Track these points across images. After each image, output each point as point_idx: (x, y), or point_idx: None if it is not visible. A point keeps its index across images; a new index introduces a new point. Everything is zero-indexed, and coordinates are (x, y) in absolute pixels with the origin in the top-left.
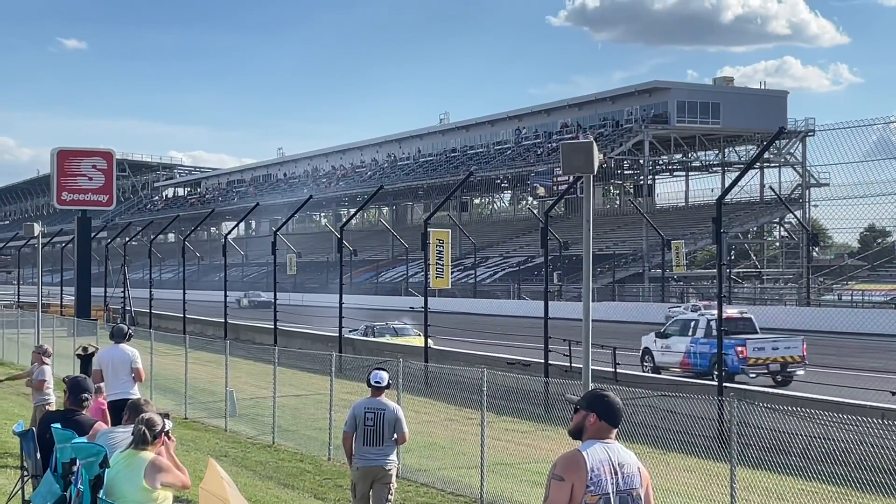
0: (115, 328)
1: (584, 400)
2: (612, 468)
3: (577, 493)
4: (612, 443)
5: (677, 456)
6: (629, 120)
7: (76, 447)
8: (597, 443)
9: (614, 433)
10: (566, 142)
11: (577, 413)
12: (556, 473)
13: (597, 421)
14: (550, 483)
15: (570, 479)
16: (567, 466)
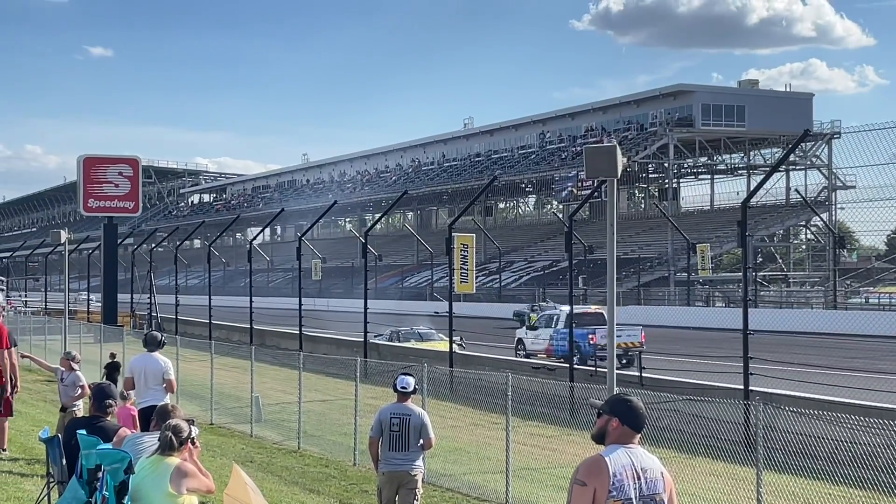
0: (149, 336)
1: (607, 404)
2: (635, 473)
3: (599, 498)
4: (635, 447)
5: (703, 460)
6: (654, 123)
7: (101, 453)
8: (619, 448)
9: (637, 438)
10: (589, 146)
11: (600, 418)
12: (578, 478)
13: (619, 426)
14: (573, 488)
15: (593, 484)
16: (589, 471)
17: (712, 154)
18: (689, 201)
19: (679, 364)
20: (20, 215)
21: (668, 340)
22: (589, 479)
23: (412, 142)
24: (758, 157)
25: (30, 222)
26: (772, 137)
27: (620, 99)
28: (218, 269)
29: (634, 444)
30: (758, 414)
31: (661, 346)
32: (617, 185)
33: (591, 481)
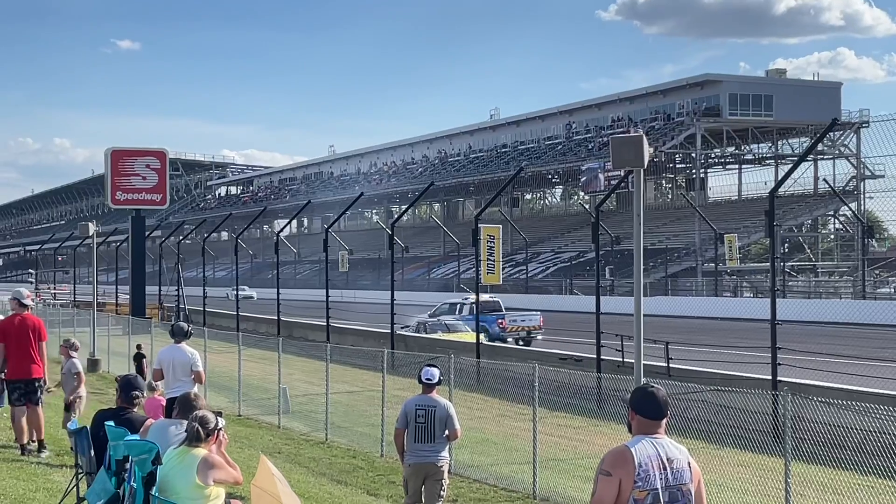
0: (176, 326)
1: (629, 398)
2: (661, 463)
3: (624, 489)
4: (661, 438)
5: (731, 451)
6: (681, 113)
7: (129, 444)
8: (644, 438)
9: (662, 428)
10: (616, 136)
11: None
12: (603, 469)
13: (635, 416)
14: (598, 478)
15: (618, 475)
16: (614, 462)
17: (740, 144)
18: (717, 191)
19: (707, 354)
20: (49, 208)
21: (695, 331)
22: (614, 470)
23: (438, 133)
24: (786, 146)
25: (58, 215)
26: (800, 127)
27: (647, 89)
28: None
29: (660, 434)
30: (786, 404)
31: (689, 336)
32: (644, 175)
33: (617, 472)
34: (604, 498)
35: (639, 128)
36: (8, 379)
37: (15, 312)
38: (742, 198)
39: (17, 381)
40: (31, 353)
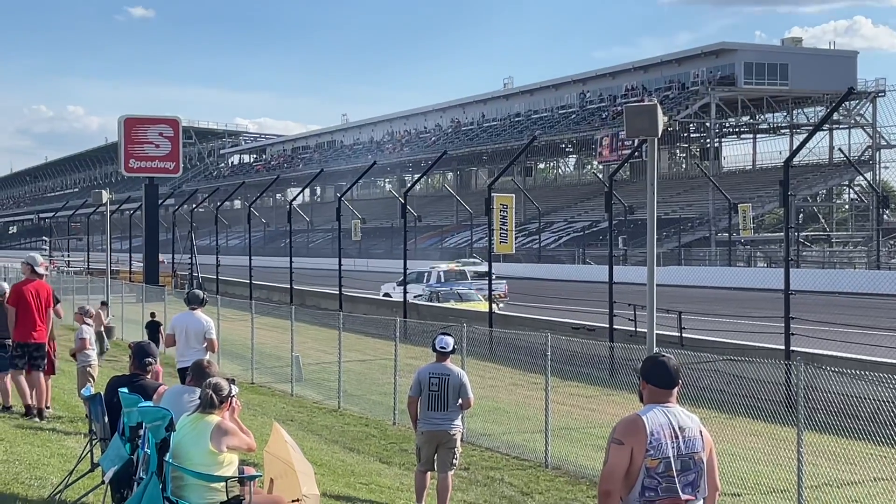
0: (191, 294)
1: (640, 368)
2: (673, 432)
3: (636, 457)
4: (672, 406)
5: (744, 420)
6: (695, 82)
7: (143, 411)
8: (655, 407)
9: (673, 397)
10: (630, 105)
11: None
12: (615, 437)
13: (647, 386)
14: (610, 447)
15: (630, 444)
16: (626, 430)
17: (754, 113)
18: (731, 161)
19: (720, 324)
20: (62, 176)
21: (708, 301)
22: (626, 439)
23: (452, 102)
24: (801, 115)
25: (72, 183)
26: (815, 96)
27: (662, 58)
28: (258, 229)
29: (671, 403)
30: (799, 374)
31: (702, 306)
32: (658, 144)
33: (628, 440)
34: (616, 466)
35: (653, 97)
36: (18, 341)
37: (27, 278)
38: (756, 167)
39: (28, 345)
40: (42, 319)
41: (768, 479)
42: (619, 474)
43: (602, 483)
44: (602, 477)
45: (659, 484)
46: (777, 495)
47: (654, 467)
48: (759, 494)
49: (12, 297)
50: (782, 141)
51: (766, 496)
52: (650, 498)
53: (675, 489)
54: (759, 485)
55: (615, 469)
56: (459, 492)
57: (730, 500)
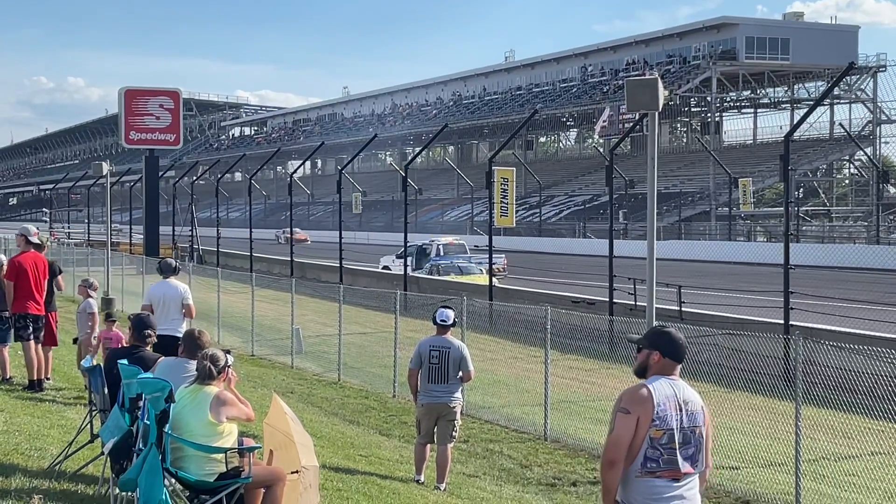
0: (163, 262)
1: (647, 339)
2: (678, 404)
3: (641, 427)
4: (677, 380)
5: (742, 394)
6: (697, 56)
7: (142, 382)
8: (662, 378)
9: (678, 370)
10: (631, 78)
11: (641, 352)
12: (622, 406)
13: (661, 358)
14: (616, 416)
15: (636, 413)
16: (633, 400)
17: (756, 87)
18: (732, 135)
19: (719, 298)
20: (62, 147)
21: (708, 275)
22: (633, 408)
23: (453, 75)
24: (802, 90)
25: (72, 154)
26: (816, 71)
27: (663, 31)
28: (259, 202)
29: (676, 376)
30: (797, 348)
31: (702, 280)
32: (659, 118)
33: (635, 409)
34: (622, 435)
35: (654, 70)
36: (17, 313)
37: (23, 250)
38: (757, 142)
39: (28, 316)
40: (40, 291)
41: (766, 452)
42: (625, 443)
43: (608, 452)
44: (607, 446)
45: (661, 455)
46: (775, 469)
47: (657, 438)
48: (757, 468)
49: (10, 270)
50: (783, 115)
51: (764, 469)
52: (651, 469)
53: (675, 461)
54: (757, 458)
55: (621, 438)
56: (459, 464)
57: (728, 474)
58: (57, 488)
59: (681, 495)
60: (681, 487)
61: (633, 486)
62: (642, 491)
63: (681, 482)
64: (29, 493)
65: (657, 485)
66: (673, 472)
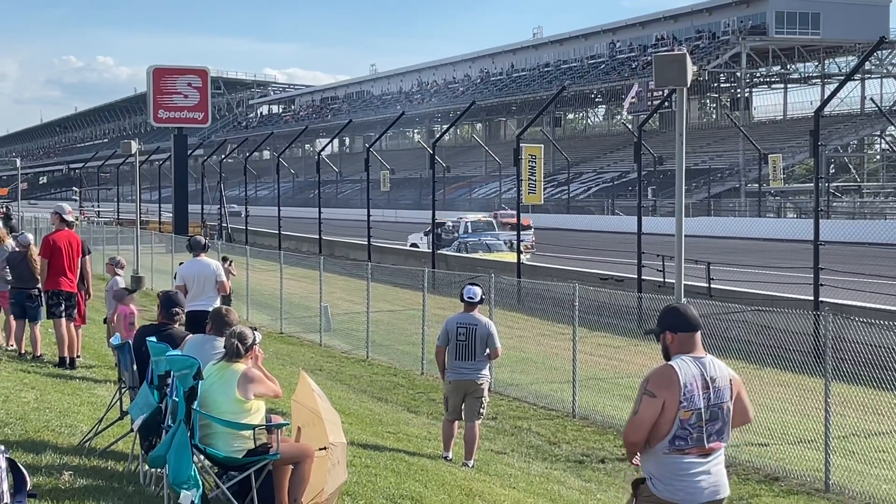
0: (193, 240)
1: (657, 324)
2: (704, 382)
3: (669, 410)
4: (703, 357)
5: (772, 371)
6: (726, 32)
7: (171, 360)
8: (686, 357)
9: (699, 341)
10: (659, 54)
11: (659, 339)
12: (647, 389)
13: (674, 336)
14: (641, 398)
15: (662, 396)
16: (660, 383)
17: (786, 63)
18: (762, 111)
19: (748, 275)
20: (92, 126)
21: (737, 252)
22: (659, 391)
23: (481, 52)
24: (832, 65)
25: (101, 133)
26: (847, 45)
27: (692, 7)
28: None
29: (700, 350)
30: (827, 325)
31: (731, 257)
32: (687, 94)
33: (661, 393)
34: (644, 418)
35: (683, 46)
36: (50, 290)
37: (57, 228)
38: (787, 118)
39: (61, 293)
40: (72, 269)
41: (796, 429)
42: (647, 427)
43: (630, 434)
44: (629, 428)
45: (690, 434)
46: (804, 445)
47: (687, 419)
48: (786, 444)
49: (45, 247)
50: (813, 91)
51: (794, 446)
52: (680, 447)
53: (703, 438)
54: (787, 435)
55: (644, 421)
56: (487, 441)
57: (757, 451)
58: (87, 465)
59: (707, 470)
60: (708, 463)
61: (661, 462)
62: (670, 467)
63: (708, 457)
64: (59, 470)
65: (685, 461)
66: (701, 449)
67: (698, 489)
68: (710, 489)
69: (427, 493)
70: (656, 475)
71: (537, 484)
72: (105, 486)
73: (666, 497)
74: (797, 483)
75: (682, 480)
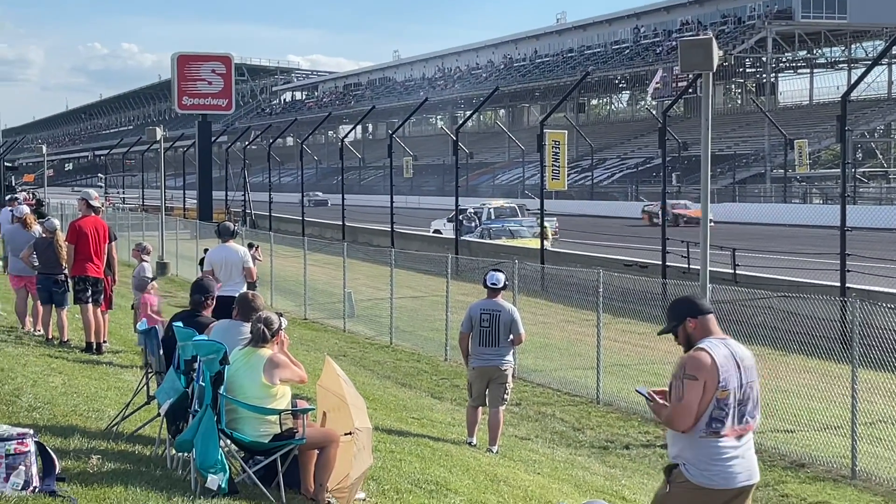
0: (222, 226)
1: (672, 319)
2: (736, 363)
3: (708, 391)
4: (726, 337)
5: (797, 357)
6: (752, 16)
7: (197, 345)
8: (712, 339)
9: (717, 324)
10: (685, 38)
11: (677, 333)
12: (687, 374)
13: (696, 322)
14: (683, 384)
15: (703, 378)
16: (699, 366)
17: (812, 48)
18: (787, 96)
19: (774, 261)
20: (117, 113)
21: (763, 237)
22: (699, 373)
23: (504, 38)
24: (859, 50)
25: (126, 120)
26: (874, 30)
27: None
28: (310, 166)
29: (721, 332)
30: (854, 311)
31: (756, 243)
32: (713, 79)
33: (702, 375)
34: (692, 401)
35: (708, 31)
36: (77, 275)
37: (84, 214)
38: (813, 103)
39: (87, 279)
40: (99, 255)
41: (822, 415)
42: (695, 410)
43: (680, 422)
44: (678, 415)
45: (726, 415)
46: (831, 432)
47: (724, 399)
48: (812, 431)
49: (71, 233)
50: (840, 76)
51: (820, 433)
52: (716, 429)
53: (737, 419)
54: (813, 421)
55: (692, 405)
56: (511, 427)
57: (783, 437)
58: (114, 449)
59: (741, 455)
60: (742, 447)
61: (697, 446)
62: (706, 451)
63: (741, 440)
64: (87, 454)
65: (720, 445)
66: (735, 431)
67: (733, 474)
68: (744, 473)
69: (452, 478)
70: (691, 460)
71: (562, 470)
72: (132, 469)
73: (701, 482)
74: (823, 469)
75: (718, 465)
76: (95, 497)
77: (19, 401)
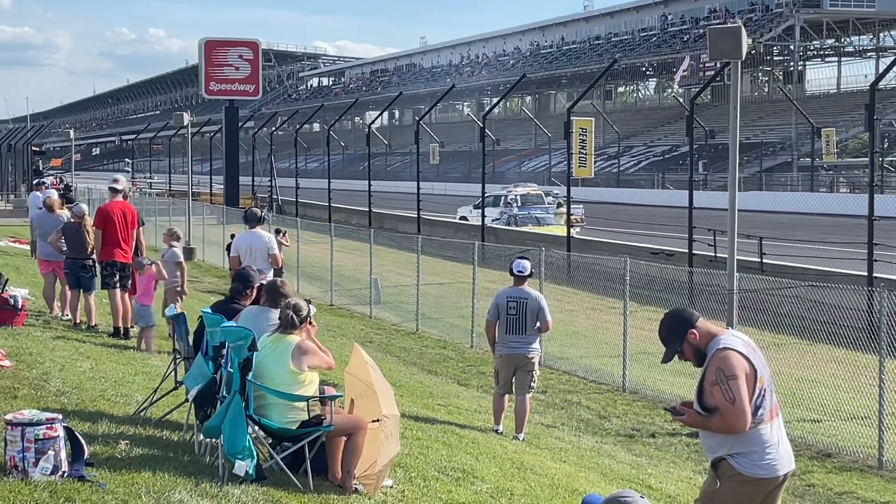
0: (249, 212)
1: (671, 340)
2: (753, 349)
3: (749, 384)
4: (728, 329)
5: (824, 347)
6: (780, 4)
7: (225, 331)
8: (721, 336)
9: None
10: (714, 26)
11: (683, 352)
12: (728, 375)
13: (695, 330)
14: (729, 386)
15: (741, 374)
16: (732, 364)
17: (840, 36)
18: (815, 84)
19: (801, 250)
20: (144, 98)
21: (789, 226)
22: (738, 371)
23: (531, 24)
24: (888, 38)
25: (153, 105)
26: None
27: None
28: (337, 152)
29: (716, 327)
30: (882, 301)
31: (783, 231)
32: (741, 67)
33: (740, 372)
34: (744, 400)
35: (736, 19)
36: (105, 261)
37: (111, 198)
38: (841, 91)
39: (115, 264)
40: (126, 240)
41: (849, 405)
42: (748, 407)
43: (738, 423)
44: (734, 417)
45: (764, 400)
46: (857, 422)
47: (763, 385)
48: (839, 420)
49: (98, 218)
50: (868, 64)
51: (847, 423)
52: (760, 417)
53: (771, 402)
54: (840, 411)
55: (745, 404)
56: (537, 414)
57: (810, 427)
58: (142, 434)
59: (781, 439)
60: (781, 429)
61: (746, 438)
62: (755, 440)
63: (775, 423)
64: (115, 439)
65: (765, 431)
66: (772, 414)
67: (779, 459)
68: (787, 459)
69: (478, 465)
70: (741, 451)
71: (588, 458)
72: (160, 455)
73: (753, 473)
74: (850, 460)
75: (768, 452)
76: (124, 482)
77: (48, 385)
